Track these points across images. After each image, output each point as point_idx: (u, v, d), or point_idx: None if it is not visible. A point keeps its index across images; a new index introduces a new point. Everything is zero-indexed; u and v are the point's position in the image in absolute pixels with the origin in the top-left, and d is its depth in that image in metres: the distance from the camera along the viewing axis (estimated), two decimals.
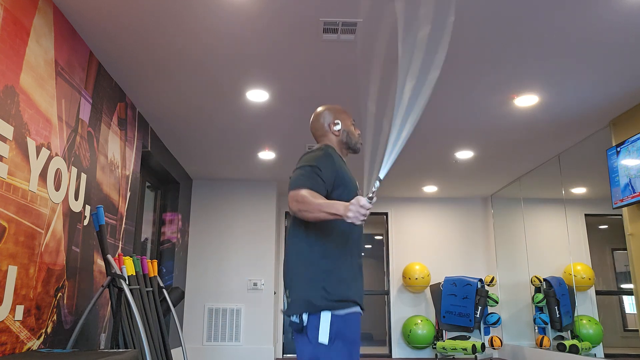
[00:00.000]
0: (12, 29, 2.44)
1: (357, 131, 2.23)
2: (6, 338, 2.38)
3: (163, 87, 3.91)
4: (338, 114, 2.20)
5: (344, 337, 1.84)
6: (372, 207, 1.69)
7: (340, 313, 1.85)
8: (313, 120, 2.24)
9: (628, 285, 4.79)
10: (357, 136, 2.22)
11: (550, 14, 2.93)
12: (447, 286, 6.41)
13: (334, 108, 2.22)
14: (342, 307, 1.86)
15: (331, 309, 1.84)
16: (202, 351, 6.24)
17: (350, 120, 2.22)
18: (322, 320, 1.84)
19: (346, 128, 2.18)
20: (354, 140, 2.19)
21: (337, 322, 1.84)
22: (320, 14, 2.95)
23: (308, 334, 1.85)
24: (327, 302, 1.84)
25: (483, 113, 4.37)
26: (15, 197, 2.45)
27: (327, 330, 1.83)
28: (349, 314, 1.87)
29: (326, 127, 2.18)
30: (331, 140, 2.18)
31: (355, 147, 2.21)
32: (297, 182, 1.90)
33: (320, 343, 1.83)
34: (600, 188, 4.85)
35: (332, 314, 1.84)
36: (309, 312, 1.86)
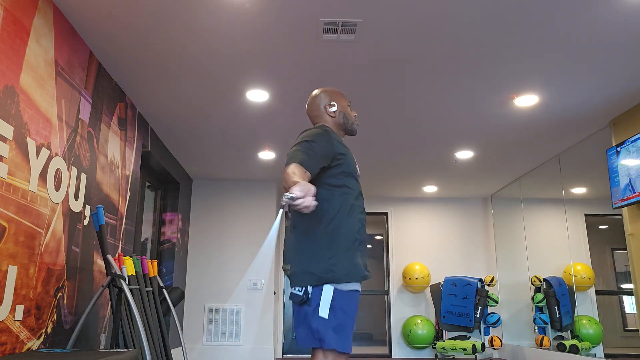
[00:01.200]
0: (12, 29, 2.44)
1: (353, 113, 2.24)
2: (6, 338, 2.38)
3: (163, 87, 3.91)
4: (334, 96, 2.21)
5: (344, 313, 1.86)
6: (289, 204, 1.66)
7: (343, 289, 1.87)
8: (309, 102, 2.25)
9: (628, 285, 4.79)
10: (353, 117, 2.22)
11: (550, 14, 2.92)
12: (447, 286, 6.41)
13: (330, 90, 2.23)
14: (345, 282, 1.87)
15: (335, 281, 1.87)
16: (202, 351, 6.24)
17: (346, 102, 2.23)
18: (324, 293, 1.86)
19: (342, 109, 2.19)
20: (350, 121, 2.20)
21: (339, 297, 1.86)
22: (320, 14, 2.95)
23: (311, 305, 1.87)
24: (331, 275, 1.87)
25: (483, 113, 4.37)
26: (15, 197, 2.45)
27: (328, 304, 1.85)
28: (351, 291, 1.90)
29: (322, 109, 2.19)
30: (327, 122, 2.19)
31: (352, 128, 2.23)
32: (290, 158, 1.91)
33: (320, 316, 1.84)
34: (600, 188, 4.85)
35: (335, 288, 1.86)
36: (313, 285, 1.88)
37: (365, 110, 4.34)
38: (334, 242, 1.92)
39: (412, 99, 4.10)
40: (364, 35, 3.17)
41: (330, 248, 1.91)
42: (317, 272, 1.88)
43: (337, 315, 1.85)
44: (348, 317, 1.87)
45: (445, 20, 3.00)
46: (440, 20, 3.00)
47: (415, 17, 2.97)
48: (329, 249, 1.90)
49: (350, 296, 1.90)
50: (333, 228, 1.94)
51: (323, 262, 1.88)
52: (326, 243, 1.92)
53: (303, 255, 1.93)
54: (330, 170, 2.01)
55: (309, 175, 1.87)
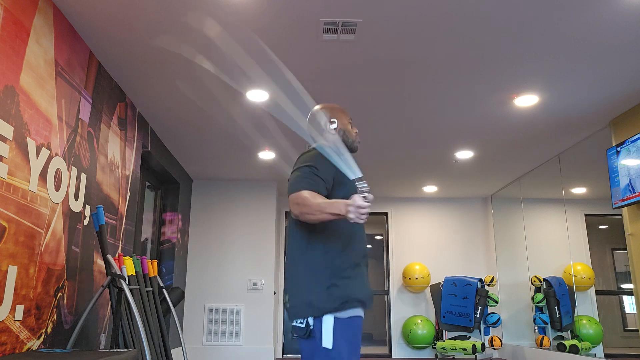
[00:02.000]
0: (12, 29, 2.44)
1: (354, 130, 2.20)
2: (6, 338, 2.38)
3: (163, 87, 3.91)
4: (334, 113, 2.17)
5: (347, 341, 1.82)
6: (370, 205, 1.68)
7: (343, 316, 1.83)
8: (309, 118, 2.22)
9: (628, 285, 4.79)
10: (354, 135, 2.18)
11: (550, 14, 2.92)
12: (447, 286, 6.41)
13: (330, 107, 2.20)
14: (344, 309, 1.83)
15: (334, 312, 1.82)
16: (202, 351, 6.24)
17: (347, 118, 2.19)
18: (325, 323, 1.82)
19: (342, 127, 2.15)
20: (350, 139, 2.16)
21: (340, 325, 1.82)
22: (320, 14, 2.95)
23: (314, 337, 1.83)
24: (330, 304, 1.82)
25: (483, 113, 4.37)
26: (15, 197, 2.45)
27: (331, 334, 1.81)
28: (352, 318, 1.85)
29: (322, 126, 2.15)
30: (328, 140, 2.15)
31: (352, 146, 2.18)
32: (296, 184, 1.87)
33: (324, 347, 1.81)
34: (600, 188, 4.85)
35: (335, 318, 1.82)
36: (314, 316, 1.84)
37: (365, 111, 4.34)
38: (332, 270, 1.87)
39: (412, 99, 4.10)
40: (364, 35, 3.17)
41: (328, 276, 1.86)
42: (315, 303, 1.83)
43: (341, 345, 1.81)
44: (351, 345, 1.83)
45: (445, 20, 3.00)
46: (440, 20, 3.00)
47: (415, 17, 2.97)
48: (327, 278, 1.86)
49: (352, 323, 1.85)
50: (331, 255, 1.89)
51: (321, 291, 1.84)
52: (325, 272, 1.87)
53: (300, 286, 1.88)
54: (332, 194, 1.96)
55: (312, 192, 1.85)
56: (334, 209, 1.72)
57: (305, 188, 1.85)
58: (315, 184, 1.87)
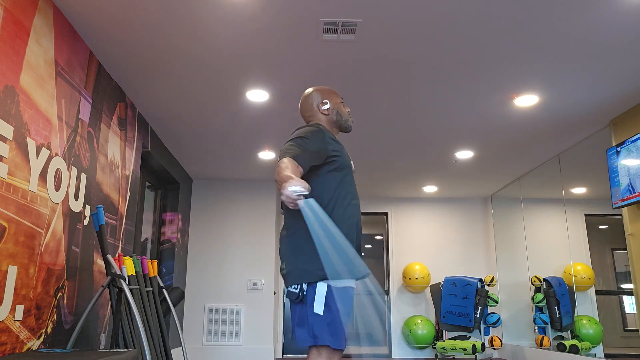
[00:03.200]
0: (12, 29, 2.44)
1: (346, 109, 2.22)
2: (6, 338, 2.38)
3: (163, 87, 3.91)
4: (326, 94, 2.19)
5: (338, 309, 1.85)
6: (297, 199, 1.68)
7: (337, 285, 1.87)
8: (302, 102, 2.24)
9: (628, 285, 4.79)
10: (346, 114, 2.20)
11: (550, 14, 2.93)
12: (447, 286, 6.41)
13: (321, 89, 2.22)
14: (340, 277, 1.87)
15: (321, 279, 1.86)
16: (202, 351, 6.24)
17: (339, 99, 2.21)
18: (318, 290, 1.86)
19: (335, 106, 2.18)
20: (344, 118, 2.19)
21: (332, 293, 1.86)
22: (320, 14, 2.95)
23: (307, 303, 1.87)
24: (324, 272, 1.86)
25: (483, 113, 4.37)
26: (15, 197, 2.45)
27: (323, 301, 1.84)
28: (345, 287, 1.89)
29: (315, 107, 2.18)
30: (321, 120, 2.17)
31: (346, 125, 2.21)
32: (282, 153, 1.90)
33: (315, 313, 1.84)
34: (600, 188, 4.85)
35: (328, 285, 1.86)
36: (308, 282, 1.88)
37: (365, 111, 4.34)
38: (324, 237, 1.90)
39: (412, 99, 4.10)
40: (364, 35, 3.17)
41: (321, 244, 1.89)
42: (310, 270, 1.88)
43: (331, 312, 1.85)
44: (342, 313, 1.87)
45: (445, 20, 3.00)
46: (440, 20, 3.00)
47: (415, 17, 2.97)
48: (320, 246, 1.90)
49: (345, 292, 1.89)
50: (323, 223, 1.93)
51: (316, 259, 1.88)
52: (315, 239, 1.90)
53: (297, 254, 1.93)
54: (324, 167, 2.00)
55: (301, 170, 1.87)
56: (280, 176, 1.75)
57: (290, 156, 1.87)
58: (301, 155, 1.89)
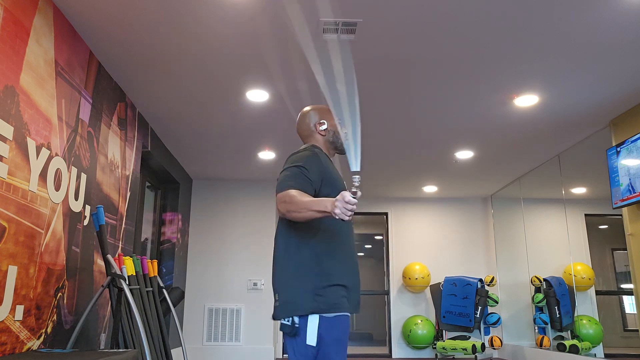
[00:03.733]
0: (12, 29, 2.44)
1: (344, 130, 2.18)
2: (6, 338, 2.38)
3: (163, 87, 3.91)
4: (324, 114, 2.17)
5: (332, 338, 1.83)
6: (357, 202, 1.67)
7: (329, 316, 1.84)
8: (299, 120, 2.22)
9: (628, 285, 4.79)
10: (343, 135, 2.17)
11: (550, 14, 2.93)
12: (447, 286, 6.41)
13: (319, 108, 2.20)
14: (331, 310, 1.84)
15: (319, 312, 1.83)
16: (202, 351, 6.24)
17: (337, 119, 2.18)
18: (310, 322, 1.83)
19: (332, 127, 2.15)
20: (339, 141, 2.16)
21: (325, 324, 1.83)
22: (320, 14, 2.95)
23: (300, 336, 1.84)
24: (316, 304, 1.83)
25: (483, 113, 4.37)
26: (15, 197, 2.45)
27: (315, 333, 1.82)
28: (337, 317, 1.86)
29: (312, 127, 2.16)
30: (317, 140, 2.15)
31: (341, 147, 2.18)
32: (283, 183, 1.87)
33: (308, 345, 1.82)
34: (600, 188, 4.85)
35: (320, 317, 1.83)
36: (299, 315, 1.84)
37: (365, 111, 4.34)
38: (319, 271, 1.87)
39: (412, 99, 4.10)
40: (364, 35, 3.17)
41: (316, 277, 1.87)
42: (301, 303, 1.84)
43: (325, 343, 1.82)
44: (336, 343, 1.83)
45: (445, 20, 3.00)
46: (440, 20, 3.00)
47: (415, 17, 2.97)
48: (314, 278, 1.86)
49: (337, 321, 1.85)
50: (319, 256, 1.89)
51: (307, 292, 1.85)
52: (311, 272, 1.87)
53: (288, 285, 1.89)
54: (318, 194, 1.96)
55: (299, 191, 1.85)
56: (320, 206, 1.71)
57: (293, 187, 1.85)
58: (303, 184, 1.87)
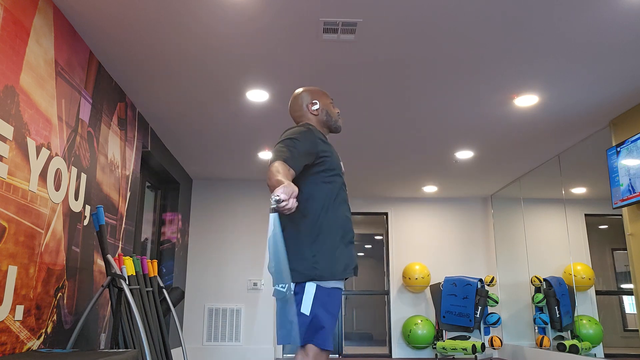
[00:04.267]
0: (12, 28, 2.44)
1: (335, 110, 2.23)
2: (6, 338, 2.38)
3: (163, 87, 3.91)
4: (315, 94, 2.21)
5: (326, 310, 1.86)
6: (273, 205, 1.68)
7: (325, 286, 1.88)
8: (291, 102, 2.25)
9: (628, 285, 4.79)
10: (336, 115, 2.21)
11: (550, 14, 2.93)
12: (447, 286, 6.40)
13: (311, 89, 2.23)
14: (327, 279, 1.88)
15: (317, 279, 1.87)
16: (202, 351, 6.24)
17: (328, 99, 2.22)
18: (307, 290, 1.86)
19: (324, 107, 2.19)
20: (333, 119, 2.20)
21: (321, 294, 1.87)
22: (320, 14, 2.95)
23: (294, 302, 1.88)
24: (314, 272, 1.87)
25: (483, 113, 4.37)
26: (15, 197, 2.45)
27: (311, 301, 1.85)
28: (333, 289, 1.90)
29: (304, 108, 2.19)
30: (310, 120, 2.19)
31: (335, 126, 2.22)
32: (274, 155, 1.91)
33: (302, 313, 1.85)
34: (600, 188, 4.85)
35: (317, 285, 1.87)
36: (296, 282, 1.88)
37: (365, 111, 4.34)
38: (317, 239, 1.92)
39: (412, 99, 4.10)
40: (364, 35, 3.17)
41: (314, 245, 1.91)
42: (300, 270, 1.88)
43: (319, 313, 1.85)
44: (330, 314, 1.87)
45: (445, 20, 3.00)
46: (440, 20, 3.00)
47: (415, 17, 2.97)
48: (312, 247, 1.91)
49: (333, 294, 1.90)
50: (317, 225, 1.94)
51: (306, 259, 1.89)
52: (310, 240, 1.92)
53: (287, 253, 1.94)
54: (314, 168, 2.01)
55: (292, 173, 1.87)
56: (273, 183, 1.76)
57: (280, 159, 1.87)
58: (292, 157, 1.89)
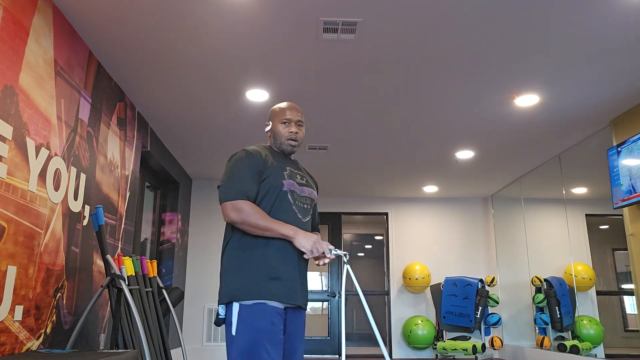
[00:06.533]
0: (12, 28, 2.43)
1: (288, 129, 2.12)
2: (5, 338, 2.37)
3: (163, 87, 3.91)
4: (271, 115, 2.21)
5: (248, 326, 1.82)
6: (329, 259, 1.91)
7: (248, 303, 1.85)
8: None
9: (629, 286, 4.78)
10: (283, 137, 2.12)
11: (550, 13, 2.92)
12: (447, 286, 6.40)
13: (273, 109, 2.22)
14: (250, 298, 1.85)
15: (239, 299, 1.86)
16: (202, 351, 6.23)
17: (281, 119, 2.14)
18: (233, 311, 1.86)
19: (273, 128, 2.17)
20: (278, 142, 2.14)
21: (244, 311, 1.84)
22: (320, 14, 2.94)
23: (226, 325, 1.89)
24: (236, 292, 1.86)
25: (483, 113, 4.36)
26: (15, 197, 2.44)
27: (235, 322, 1.84)
28: (257, 304, 1.85)
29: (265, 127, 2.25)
30: (269, 139, 2.22)
31: (281, 148, 2.15)
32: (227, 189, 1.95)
33: (232, 334, 1.84)
34: (600, 188, 4.85)
35: (240, 305, 1.85)
36: (225, 304, 1.89)
37: (365, 110, 4.33)
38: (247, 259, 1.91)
39: (412, 98, 4.09)
40: (364, 35, 3.16)
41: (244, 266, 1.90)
42: (227, 291, 1.89)
43: (242, 332, 1.82)
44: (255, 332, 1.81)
45: (446, 20, 2.99)
46: (440, 20, 2.99)
47: (416, 17, 2.96)
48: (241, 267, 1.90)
49: (256, 309, 1.84)
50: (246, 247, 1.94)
51: (235, 280, 1.89)
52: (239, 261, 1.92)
53: (222, 275, 1.95)
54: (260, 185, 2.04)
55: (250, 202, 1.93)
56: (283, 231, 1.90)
57: (239, 197, 1.92)
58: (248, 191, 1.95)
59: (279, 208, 1.99)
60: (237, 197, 1.92)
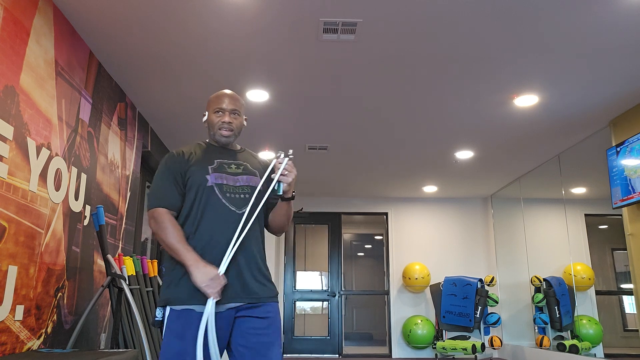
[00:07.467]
0: (12, 29, 2.44)
1: (220, 118, 1.99)
2: (6, 338, 2.38)
3: (163, 87, 3.91)
4: (207, 105, 2.05)
5: (171, 331, 1.77)
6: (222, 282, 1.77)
7: (177, 308, 1.80)
8: None
9: (628, 285, 4.79)
10: (217, 126, 1.99)
11: (550, 14, 2.93)
12: (447, 286, 6.41)
13: (209, 98, 2.07)
14: (178, 303, 1.79)
15: (168, 304, 1.81)
16: None
17: (214, 107, 2.01)
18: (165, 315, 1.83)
19: (208, 119, 2.02)
20: (211, 132, 2.02)
21: (171, 316, 1.80)
22: (320, 14, 2.95)
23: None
24: (165, 297, 1.83)
25: (483, 113, 4.37)
26: (16, 197, 2.45)
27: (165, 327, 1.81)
28: (185, 310, 1.78)
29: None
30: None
31: (214, 138, 2.02)
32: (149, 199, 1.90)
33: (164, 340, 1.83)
34: (600, 188, 4.85)
35: (170, 309, 1.80)
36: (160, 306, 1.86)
37: (365, 110, 4.34)
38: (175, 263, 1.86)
39: (412, 99, 4.10)
40: (364, 35, 3.17)
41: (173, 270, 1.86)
42: (161, 296, 1.87)
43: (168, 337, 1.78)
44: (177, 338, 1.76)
45: (446, 21, 3.00)
46: (440, 21, 3.00)
47: (416, 17, 2.97)
48: (171, 271, 1.87)
49: (181, 315, 1.78)
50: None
51: (166, 284, 1.86)
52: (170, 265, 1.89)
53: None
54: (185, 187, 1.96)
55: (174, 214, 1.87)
56: (184, 259, 1.80)
57: (157, 204, 1.85)
58: (167, 198, 1.86)
59: (207, 205, 1.87)
60: (155, 204, 1.85)
